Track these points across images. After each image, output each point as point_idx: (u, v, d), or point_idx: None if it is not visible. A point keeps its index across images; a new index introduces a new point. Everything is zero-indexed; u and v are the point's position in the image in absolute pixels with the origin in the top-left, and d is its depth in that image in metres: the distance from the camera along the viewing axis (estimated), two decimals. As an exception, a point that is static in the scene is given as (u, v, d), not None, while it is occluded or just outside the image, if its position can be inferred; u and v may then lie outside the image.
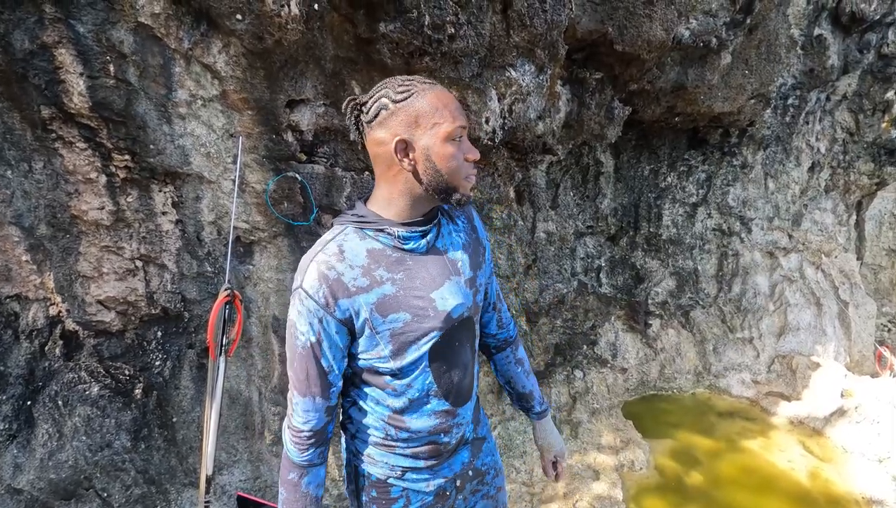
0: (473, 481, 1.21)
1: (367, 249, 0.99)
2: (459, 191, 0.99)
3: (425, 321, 1.00)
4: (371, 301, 0.97)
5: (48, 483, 1.98)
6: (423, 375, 1.03)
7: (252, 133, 2.14)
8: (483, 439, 1.25)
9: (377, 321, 0.97)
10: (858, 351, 4.01)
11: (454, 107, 0.97)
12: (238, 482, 2.33)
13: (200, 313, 2.29)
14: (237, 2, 1.84)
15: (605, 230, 4.01)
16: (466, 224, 1.15)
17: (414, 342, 1.00)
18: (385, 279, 0.98)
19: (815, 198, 4.36)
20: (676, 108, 3.37)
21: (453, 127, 0.95)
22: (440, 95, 0.96)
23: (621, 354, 3.75)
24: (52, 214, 1.98)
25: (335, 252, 0.97)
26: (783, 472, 2.91)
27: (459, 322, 1.05)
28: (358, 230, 1.00)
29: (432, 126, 0.94)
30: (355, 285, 0.96)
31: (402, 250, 1.00)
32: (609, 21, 2.69)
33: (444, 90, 0.99)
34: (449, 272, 1.04)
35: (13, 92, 1.81)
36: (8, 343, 2.05)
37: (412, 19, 2.11)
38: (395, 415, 1.06)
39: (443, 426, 1.08)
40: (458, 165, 0.97)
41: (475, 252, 1.12)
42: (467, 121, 1.00)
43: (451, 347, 1.05)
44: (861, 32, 3.80)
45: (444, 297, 1.01)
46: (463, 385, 1.09)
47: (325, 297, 0.95)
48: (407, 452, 1.09)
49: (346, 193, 2.42)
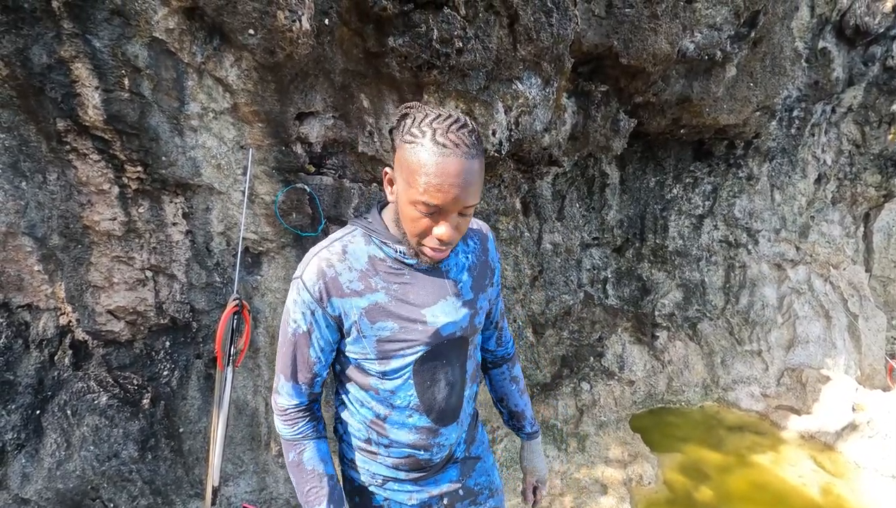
0: (464, 500, 1.19)
1: (370, 255, 1.00)
2: (417, 251, 0.96)
3: (412, 333, 1.00)
4: (362, 306, 0.98)
5: (55, 493, 1.98)
6: (406, 386, 1.03)
7: (262, 145, 2.17)
8: (477, 458, 1.23)
9: (365, 325, 0.99)
10: (869, 364, 3.96)
11: (446, 183, 0.84)
12: (244, 493, 2.32)
13: (209, 324, 2.30)
14: (250, 17, 1.88)
15: (612, 242, 4.01)
16: (478, 246, 1.12)
17: (399, 352, 1.01)
18: (379, 288, 0.99)
19: (822, 210, 4.35)
20: (682, 120, 3.39)
21: (421, 201, 0.86)
22: (441, 161, 0.84)
23: (628, 366, 3.72)
24: (65, 224, 2.01)
25: (338, 252, 0.99)
26: (794, 488, 2.86)
27: (449, 341, 1.04)
28: (366, 236, 1.02)
29: (407, 183, 0.88)
30: (350, 287, 0.98)
31: (403, 263, 1.01)
32: (614, 35, 2.72)
33: (458, 159, 0.84)
34: (446, 292, 1.04)
35: (30, 105, 1.84)
36: (18, 353, 2.07)
37: (420, 34, 2.15)
38: (377, 420, 1.06)
39: (422, 442, 1.07)
40: (416, 231, 0.92)
41: (481, 275, 1.11)
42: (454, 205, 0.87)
43: (438, 363, 1.04)
44: (866, 45, 3.82)
45: (435, 314, 1.02)
46: (448, 405, 1.07)
47: (320, 292, 0.97)
48: (388, 462, 1.09)
49: (355, 204, 2.44)
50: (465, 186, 0.86)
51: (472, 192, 0.88)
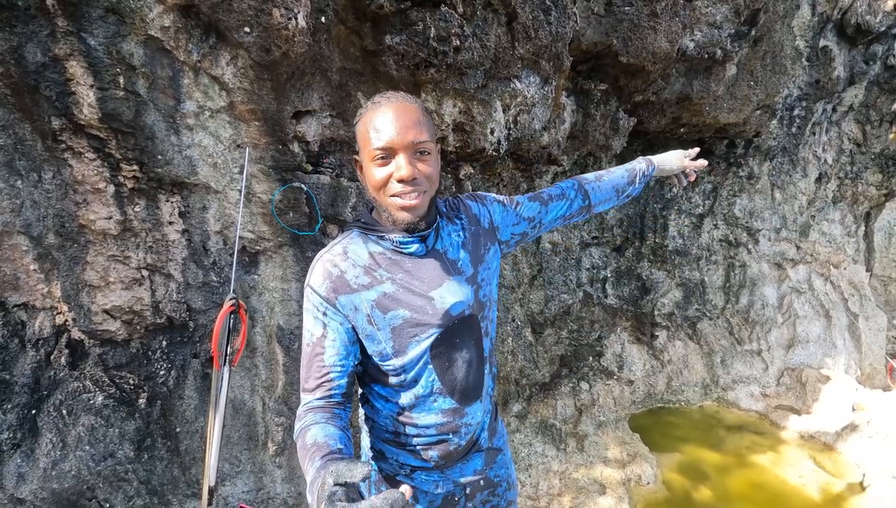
0: (484, 491, 1.21)
1: (370, 251, 1.04)
2: (391, 213, 0.99)
3: (424, 317, 1.02)
4: (372, 298, 1.01)
5: (51, 493, 1.97)
6: (427, 372, 1.05)
7: (259, 144, 2.16)
8: (499, 450, 1.25)
9: (377, 317, 1.01)
10: (869, 364, 3.94)
11: (386, 125, 0.94)
12: (241, 493, 2.31)
13: (205, 323, 2.29)
14: (245, 15, 1.87)
15: (611, 241, 3.99)
16: (464, 218, 1.15)
17: (414, 338, 1.02)
18: (385, 278, 1.02)
19: (823, 209, 4.33)
20: (682, 119, 3.37)
21: (373, 148, 0.95)
22: (377, 113, 0.95)
23: (628, 366, 3.71)
24: (61, 223, 2.00)
25: (340, 253, 1.03)
26: (794, 488, 2.85)
27: (460, 320, 1.06)
28: (362, 234, 1.06)
29: (363, 148, 0.98)
30: (357, 282, 1.01)
31: (401, 253, 1.04)
32: (614, 33, 2.71)
33: (390, 106, 0.96)
34: (448, 273, 1.06)
35: (25, 103, 1.84)
36: (14, 352, 2.06)
37: (418, 32, 2.13)
38: (403, 412, 1.08)
39: (451, 424, 1.09)
40: (380, 183, 0.96)
41: (476, 246, 1.13)
42: (405, 141, 0.94)
43: (452, 344, 1.06)
44: (867, 44, 3.80)
45: (442, 296, 1.04)
46: (468, 383, 1.09)
47: (328, 291, 1.00)
48: (417, 450, 1.11)
49: (352, 203, 2.43)
50: (404, 123, 0.94)
51: (414, 129, 0.95)
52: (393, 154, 0.95)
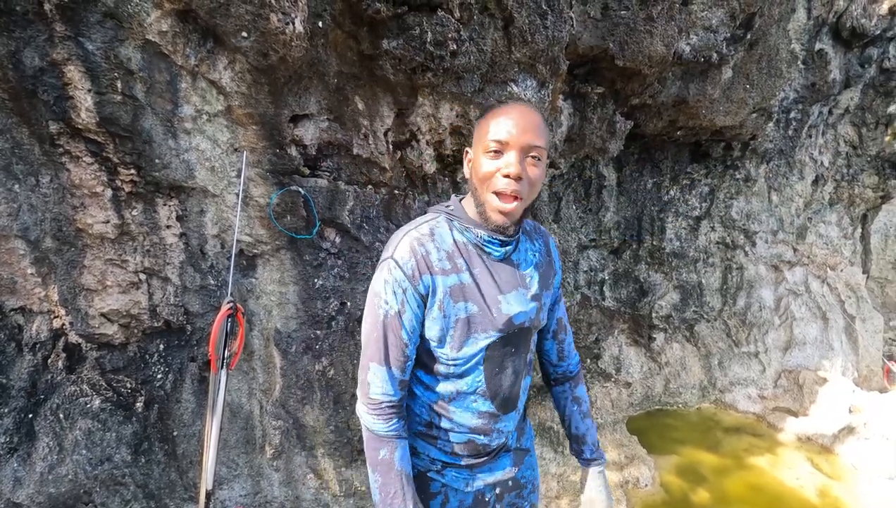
0: (512, 493, 1.21)
1: (455, 239, 1.06)
2: (486, 210, 1.01)
3: (488, 317, 1.04)
4: (449, 284, 1.02)
5: (47, 497, 1.97)
6: (476, 372, 1.06)
7: (256, 147, 2.16)
8: (526, 451, 1.26)
9: (448, 304, 1.02)
10: (866, 366, 3.96)
11: (506, 122, 0.97)
12: (238, 497, 2.31)
13: (203, 326, 2.29)
14: (243, 20, 1.88)
15: (609, 243, 4.01)
16: (543, 247, 1.19)
17: (473, 334, 1.04)
18: (464, 269, 1.04)
19: (820, 211, 4.35)
20: (678, 122, 3.39)
21: (488, 140, 0.97)
22: (502, 112, 0.99)
23: (625, 368, 3.72)
24: (58, 227, 2.00)
25: (427, 233, 1.04)
26: (791, 490, 2.86)
27: (519, 330, 1.08)
28: (448, 221, 1.07)
29: (479, 140, 1.01)
30: (439, 265, 1.02)
31: (482, 250, 1.06)
32: (610, 37, 2.72)
33: (516, 107, 0.99)
34: (518, 283, 1.08)
35: (22, 108, 1.84)
36: (11, 356, 2.06)
37: (414, 36, 2.14)
38: (442, 402, 1.09)
39: (484, 427, 1.10)
40: (486, 174, 0.98)
41: (545, 274, 1.16)
42: (521, 140, 0.96)
43: (507, 352, 1.08)
44: (862, 47, 3.82)
45: (509, 302, 1.06)
46: (512, 393, 1.11)
47: (413, 269, 1.00)
48: (447, 447, 1.12)
49: (349, 206, 2.43)
50: (525, 125, 0.96)
51: (532, 132, 0.97)
52: (506, 149, 0.97)
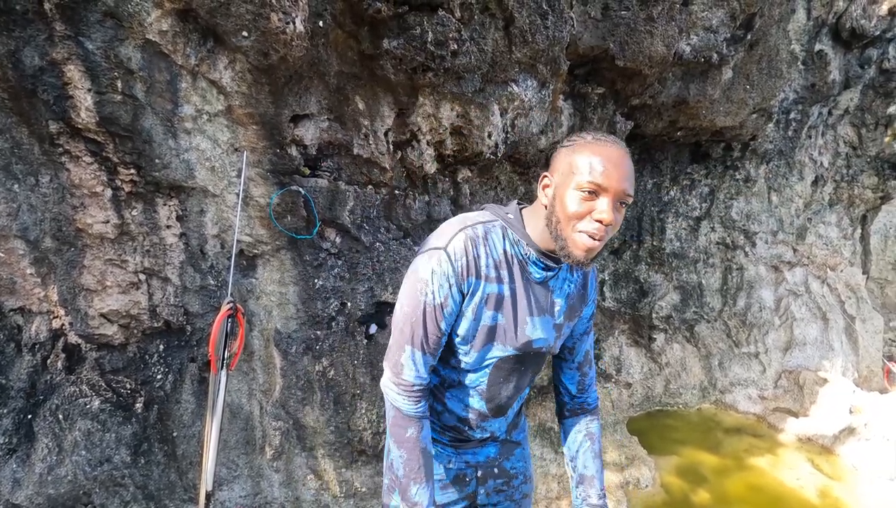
0: (498, 479, 1.26)
1: (505, 249, 1.06)
2: (568, 245, 0.97)
3: (510, 334, 1.07)
4: (488, 291, 1.04)
5: (46, 498, 1.96)
6: (481, 373, 1.11)
7: (256, 147, 2.16)
8: (517, 443, 1.30)
9: (482, 309, 1.05)
10: (866, 366, 3.96)
11: (607, 166, 0.94)
12: (238, 498, 2.30)
13: (203, 327, 2.28)
14: (243, 19, 1.87)
15: (609, 244, 4.00)
16: (580, 280, 1.19)
17: (493, 344, 1.08)
18: (506, 280, 1.06)
19: (820, 212, 4.35)
20: (678, 122, 3.39)
21: (587, 181, 0.94)
22: (603, 150, 0.95)
23: (626, 369, 3.71)
24: (58, 227, 1.99)
25: (482, 235, 1.04)
26: (792, 491, 2.86)
27: (535, 353, 1.12)
28: (505, 229, 1.07)
29: (571, 172, 0.97)
30: (486, 271, 1.04)
31: (524, 267, 1.07)
32: (610, 37, 2.72)
33: (617, 149, 0.96)
34: (547, 309, 1.11)
35: (22, 107, 1.83)
36: (10, 356, 2.05)
37: (415, 36, 2.14)
38: (441, 387, 1.15)
39: (473, 422, 1.17)
40: (576, 214, 0.95)
41: (575, 307, 1.18)
42: (619, 187, 0.94)
43: (516, 368, 1.13)
44: (862, 48, 3.83)
45: (535, 326, 1.09)
46: (508, 404, 1.17)
47: (462, 268, 1.01)
48: (435, 425, 1.19)
49: (349, 206, 2.43)
50: (625, 172, 0.94)
51: (628, 181, 0.95)
52: (602, 194, 0.94)
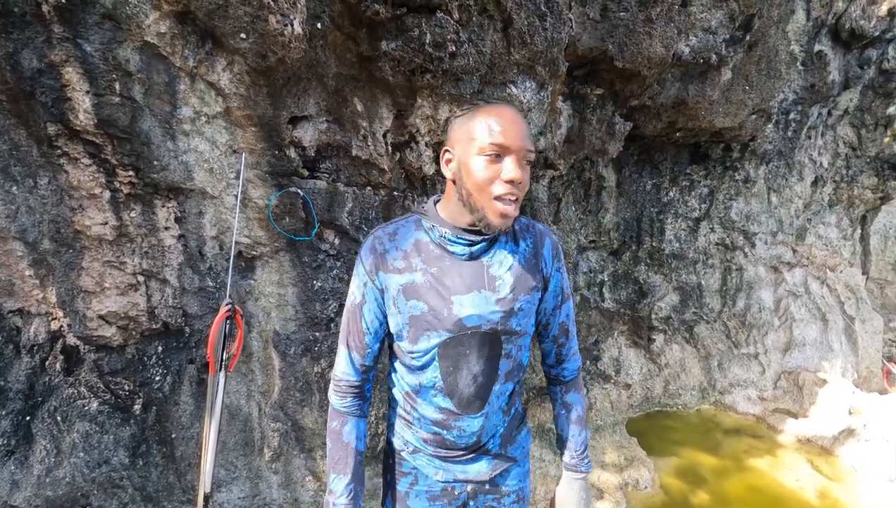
0: (489, 496, 1.22)
1: (417, 239, 1.10)
2: (486, 214, 0.99)
3: (438, 317, 1.06)
4: (401, 283, 1.07)
5: (45, 500, 1.96)
6: (433, 367, 1.10)
7: (255, 149, 2.16)
8: (513, 460, 1.24)
9: (401, 301, 1.08)
10: (866, 367, 3.95)
11: (504, 126, 0.97)
12: (237, 499, 2.30)
13: (201, 328, 2.28)
14: (241, 21, 1.87)
15: (608, 245, 4.00)
16: (529, 249, 1.13)
17: (426, 331, 1.07)
18: (418, 268, 1.07)
19: (819, 212, 4.35)
20: (677, 123, 3.38)
21: (487, 144, 0.97)
22: (495, 113, 0.99)
23: (625, 370, 3.71)
24: (56, 229, 2.00)
25: (390, 233, 1.11)
26: (791, 492, 2.85)
27: (473, 332, 1.07)
28: (418, 221, 1.12)
29: (470, 140, 1.00)
30: (394, 264, 1.08)
31: (444, 249, 1.08)
32: (609, 38, 2.72)
33: (509, 110, 1.00)
34: (481, 285, 1.07)
35: (20, 109, 1.83)
36: (9, 358, 2.05)
37: (413, 38, 2.14)
38: (410, 393, 1.15)
39: (444, 422, 1.13)
40: (486, 179, 0.98)
41: (525, 278, 1.10)
42: (520, 144, 0.98)
43: (460, 353, 1.08)
44: (861, 48, 3.82)
45: (462, 303, 1.06)
46: (470, 392, 1.10)
47: (371, 266, 1.09)
48: (419, 434, 1.17)
49: (348, 208, 2.43)
50: (523, 129, 0.99)
51: (527, 138, 0.99)
52: (505, 154, 0.98)
